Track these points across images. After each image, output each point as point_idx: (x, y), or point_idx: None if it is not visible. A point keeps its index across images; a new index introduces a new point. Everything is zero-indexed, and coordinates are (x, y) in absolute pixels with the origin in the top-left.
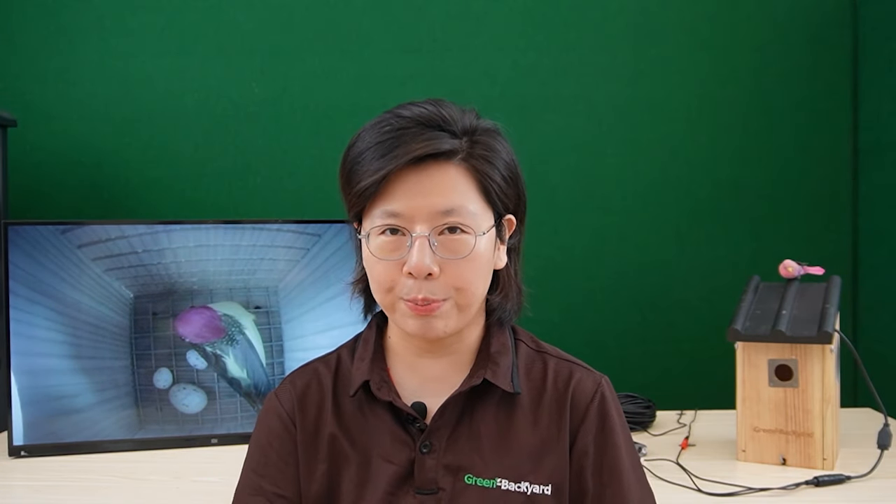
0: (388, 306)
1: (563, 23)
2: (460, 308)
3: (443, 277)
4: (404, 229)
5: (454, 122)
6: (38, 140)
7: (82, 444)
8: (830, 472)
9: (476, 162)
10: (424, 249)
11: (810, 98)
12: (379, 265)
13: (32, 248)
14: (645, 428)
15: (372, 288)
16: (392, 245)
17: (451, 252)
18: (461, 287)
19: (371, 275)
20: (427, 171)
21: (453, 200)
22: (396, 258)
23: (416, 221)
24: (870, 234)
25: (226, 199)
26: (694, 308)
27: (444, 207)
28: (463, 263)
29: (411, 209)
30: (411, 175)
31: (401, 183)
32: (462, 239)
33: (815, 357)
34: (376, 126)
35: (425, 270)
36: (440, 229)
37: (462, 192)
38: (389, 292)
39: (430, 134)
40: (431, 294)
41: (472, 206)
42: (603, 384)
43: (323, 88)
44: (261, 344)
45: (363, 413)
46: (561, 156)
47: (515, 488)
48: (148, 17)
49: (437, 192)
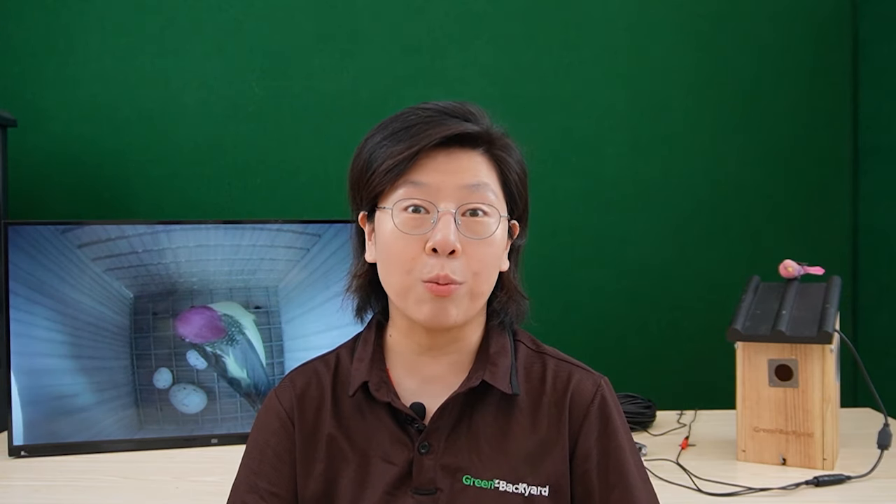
0: (403, 291)
1: (563, 23)
2: (472, 296)
3: (463, 258)
4: (430, 205)
5: (478, 117)
6: (38, 140)
7: (82, 444)
8: (830, 472)
9: (498, 152)
10: (450, 225)
11: (810, 98)
12: (400, 241)
13: (32, 248)
14: (645, 428)
15: (386, 272)
16: (416, 221)
17: (473, 233)
18: (479, 271)
19: (389, 255)
20: (455, 154)
21: (480, 178)
22: (419, 233)
23: (442, 196)
24: (870, 234)
25: (226, 199)
26: (694, 308)
27: (471, 182)
28: (483, 246)
29: (438, 182)
30: (440, 155)
31: (429, 161)
32: (484, 221)
33: (815, 357)
34: (398, 118)
35: (450, 246)
36: (464, 209)
37: (486, 175)
38: (409, 274)
39: (457, 121)
40: (452, 273)
41: (495, 190)
42: (603, 385)
43: (323, 88)
44: (261, 344)
45: (362, 413)
46: (561, 156)
47: (513, 489)
48: (148, 17)
49: (465, 170)
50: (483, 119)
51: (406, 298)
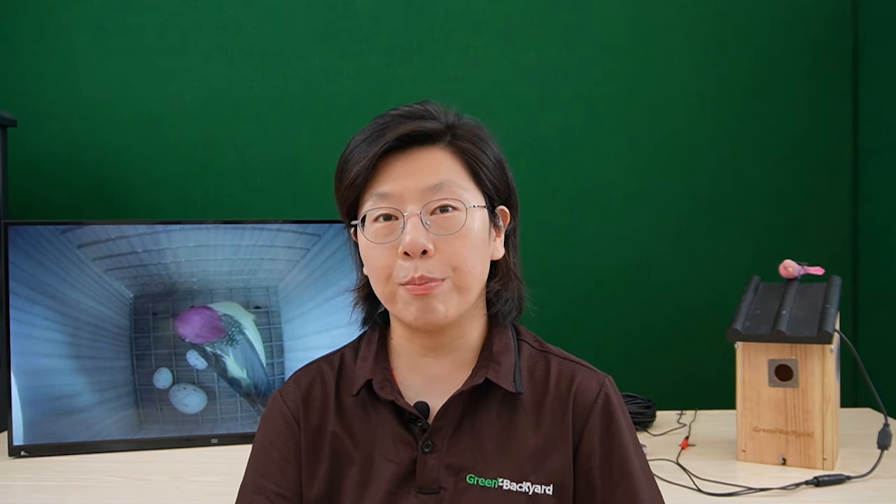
0: (389, 297)
1: (563, 23)
2: (459, 290)
3: (438, 255)
4: (397, 213)
5: (438, 114)
6: (38, 140)
7: (82, 444)
8: (830, 472)
9: (461, 143)
10: (417, 227)
11: (810, 98)
12: (375, 251)
13: (32, 248)
14: (645, 428)
15: (372, 282)
16: (386, 230)
17: (443, 229)
18: (457, 265)
19: (370, 266)
20: (414, 154)
21: (440, 177)
22: (391, 240)
23: (406, 201)
24: (870, 234)
25: (226, 199)
26: (694, 308)
27: (432, 183)
28: (457, 240)
29: (400, 189)
30: (399, 159)
31: (389, 167)
32: (453, 216)
33: (815, 357)
34: (362, 130)
35: (420, 247)
36: (431, 208)
37: (449, 169)
38: (388, 280)
39: (414, 122)
40: (429, 272)
41: (460, 183)
42: (606, 384)
43: (323, 88)
44: (261, 344)
45: (366, 412)
46: (561, 156)
47: (517, 488)
48: (148, 17)
49: (425, 171)
50: (446, 115)
51: (394, 304)
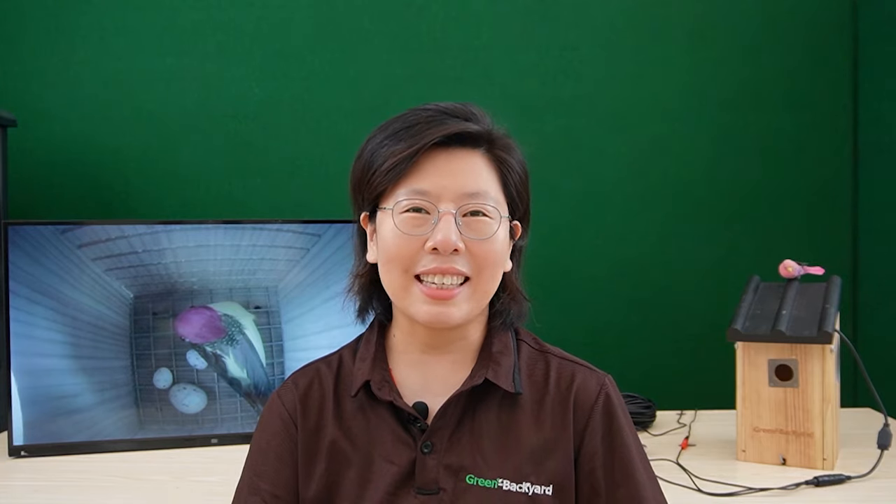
0: (400, 288)
1: (563, 23)
2: (476, 295)
3: (467, 255)
4: (430, 206)
5: (479, 117)
6: (38, 140)
7: (82, 444)
8: (830, 472)
9: (499, 153)
10: (451, 225)
11: (810, 98)
12: (400, 240)
13: (32, 248)
14: (645, 428)
15: (385, 270)
16: (417, 221)
17: (475, 232)
18: (482, 267)
19: (388, 254)
20: (455, 154)
21: (479, 184)
22: (419, 234)
23: (442, 200)
24: (870, 234)
25: (226, 199)
26: (694, 308)
27: (471, 189)
28: (486, 245)
29: (439, 188)
30: (440, 156)
31: (429, 163)
32: (485, 221)
33: (815, 357)
34: (400, 118)
35: (451, 246)
36: (465, 210)
37: (486, 178)
38: (406, 272)
39: (458, 121)
40: (456, 265)
41: (494, 192)
42: (607, 384)
43: (323, 88)
44: (261, 344)
45: (364, 413)
46: (561, 156)
47: (517, 489)
48: (148, 17)
49: (465, 174)
50: (484, 119)
51: (404, 297)
